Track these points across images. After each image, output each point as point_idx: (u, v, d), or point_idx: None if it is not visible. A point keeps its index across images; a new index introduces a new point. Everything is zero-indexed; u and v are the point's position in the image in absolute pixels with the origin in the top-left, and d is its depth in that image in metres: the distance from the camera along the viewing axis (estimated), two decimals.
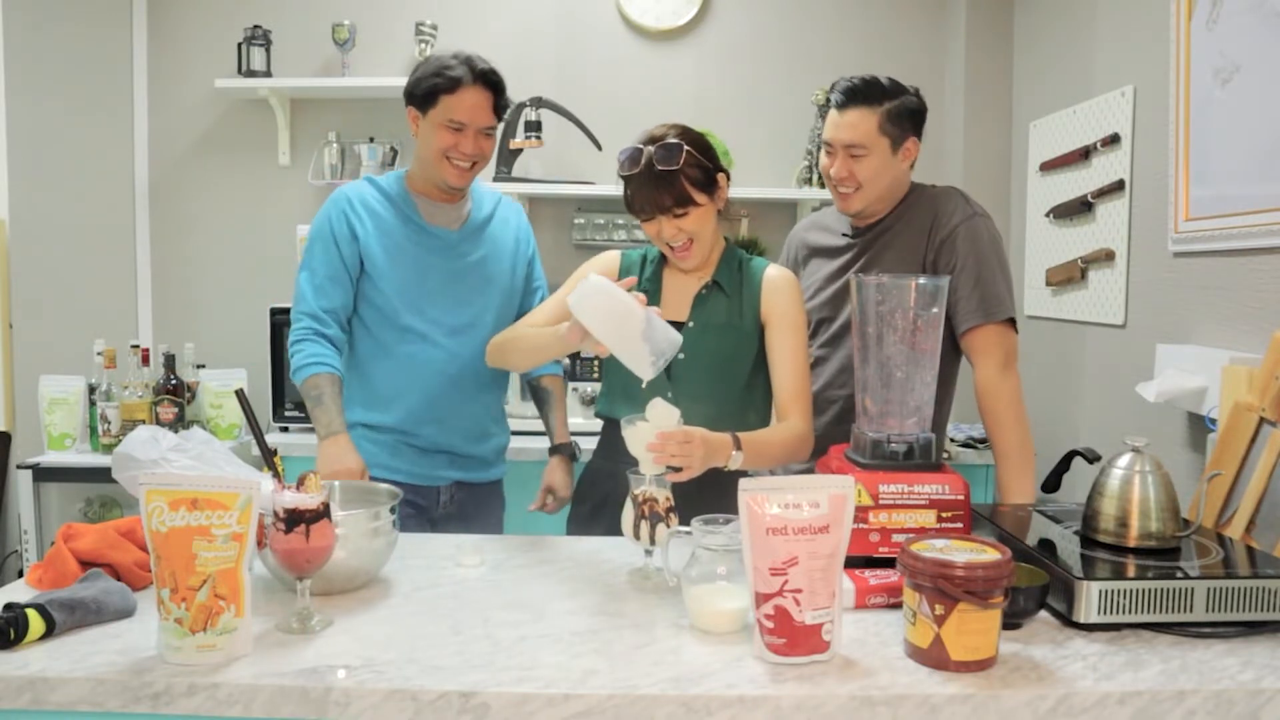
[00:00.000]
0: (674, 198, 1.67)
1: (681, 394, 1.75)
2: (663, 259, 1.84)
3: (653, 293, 1.81)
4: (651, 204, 1.68)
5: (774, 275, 1.79)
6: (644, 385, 1.56)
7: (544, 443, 2.13)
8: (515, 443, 2.22)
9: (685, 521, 1.30)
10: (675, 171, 1.65)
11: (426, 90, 1.86)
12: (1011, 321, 1.88)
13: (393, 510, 1.43)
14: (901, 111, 1.86)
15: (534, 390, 2.15)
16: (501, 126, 2.08)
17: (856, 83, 1.86)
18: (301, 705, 1.06)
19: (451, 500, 2.01)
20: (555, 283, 3.33)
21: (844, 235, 2.01)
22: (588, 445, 2.01)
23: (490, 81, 1.87)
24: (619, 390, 1.84)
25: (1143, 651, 1.17)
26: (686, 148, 1.66)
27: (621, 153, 1.70)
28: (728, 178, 1.76)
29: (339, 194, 1.95)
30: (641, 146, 1.68)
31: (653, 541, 1.45)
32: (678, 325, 1.77)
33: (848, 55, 3.34)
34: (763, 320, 1.78)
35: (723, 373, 1.75)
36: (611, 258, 1.89)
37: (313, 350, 1.86)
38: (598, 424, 1.92)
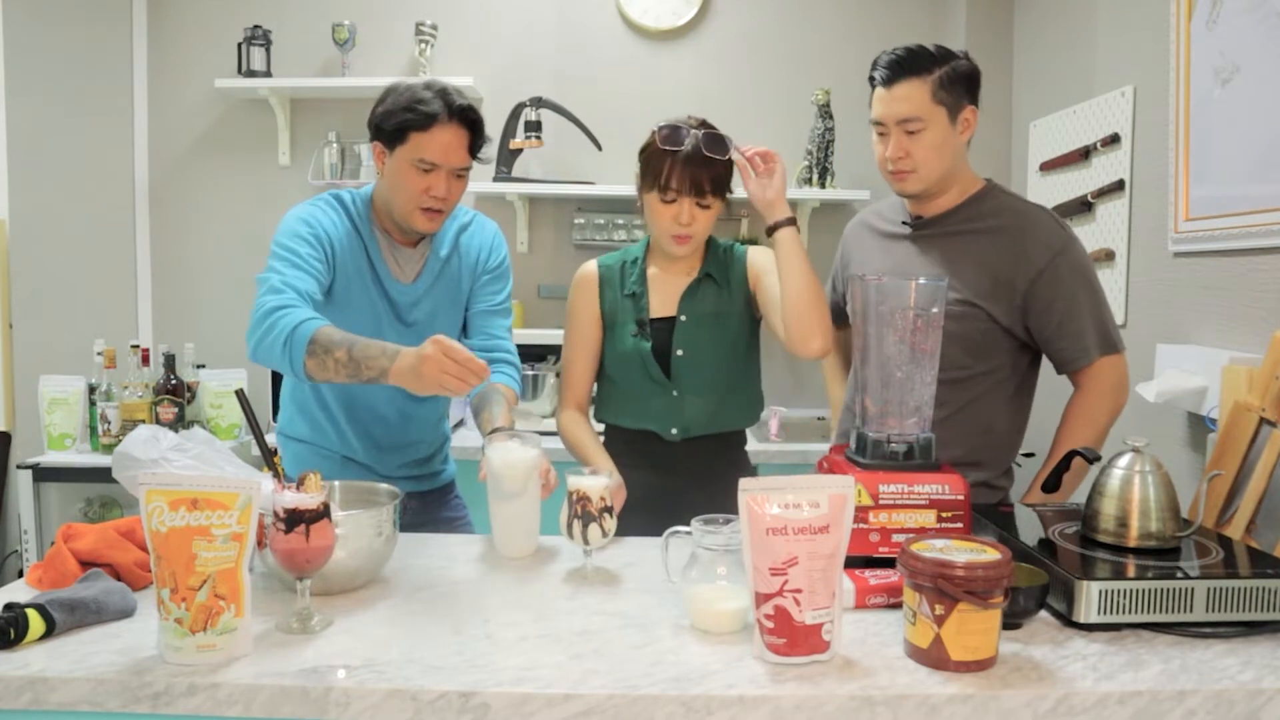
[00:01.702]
0: (712, 184, 1.71)
1: (682, 388, 1.78)
2: (644, 258, 1.85)
3: (641, 294, 1.82)
4: (690, 183, 1.69)
5: (755, 250, 1.84)
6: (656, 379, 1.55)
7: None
8: (459, 438, 2.09)
9: (685, 521, 1.30)
10: (720, 161, 1.70)
11: (396, 126, 1.68)
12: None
13: (393, 510, 1.43)
14: (954, 77, 1.72)
15: (479, 396, 1.85)
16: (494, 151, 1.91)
17: (900, 54, 1.71)
18: (301, 705, 1.06)
19: (406, 511, 1.83)
20: (554, 283, 3.41)
21: (903, 223, 1.86)
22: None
23: (468, 119, 1.71)
24: (615, 395, 1.84)
25: (1143, 651, 1.17)
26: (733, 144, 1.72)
27: (663, 126, 1.71)
28: None
29: (332, 201, 1.79)
30: (684, 126, 1.70)
31: (586, 541, 1.46)
32: (669, 321, 1.80)
33: (848, 55, 3.35)
34: (751, 285, 1.81)
35: (719, 361, 1.79)
36: (589, 274, 1.87)
37: (305, 311, 1.59)
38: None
